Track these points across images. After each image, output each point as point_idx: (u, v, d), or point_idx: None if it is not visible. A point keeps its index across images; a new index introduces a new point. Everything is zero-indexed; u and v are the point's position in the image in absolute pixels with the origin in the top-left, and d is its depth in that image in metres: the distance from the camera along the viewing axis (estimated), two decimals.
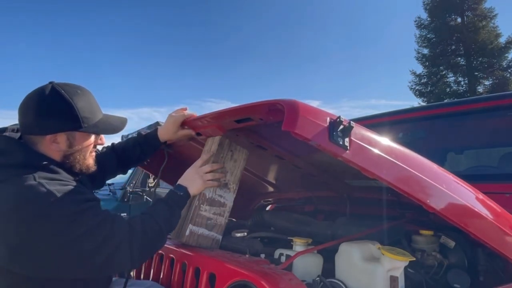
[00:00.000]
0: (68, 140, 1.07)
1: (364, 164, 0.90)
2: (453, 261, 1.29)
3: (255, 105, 1.02)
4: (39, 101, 1.03)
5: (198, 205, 1.25)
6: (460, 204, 1.06)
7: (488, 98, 2.11)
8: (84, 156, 1.12)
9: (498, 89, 15.16)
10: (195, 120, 1.34)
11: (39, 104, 1.03)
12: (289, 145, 1.37)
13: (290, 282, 0.90)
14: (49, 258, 0.89)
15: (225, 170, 1.31)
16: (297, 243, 1.25)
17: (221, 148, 1.30)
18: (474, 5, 16.31)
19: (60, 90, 1.04)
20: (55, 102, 1.03)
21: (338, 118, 0.89)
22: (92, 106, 1.11)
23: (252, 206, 2.24)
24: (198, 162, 1.29)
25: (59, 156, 1.07)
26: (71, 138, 1.07)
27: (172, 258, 1.25)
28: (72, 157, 1.09)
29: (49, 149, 1.05)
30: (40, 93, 1.04)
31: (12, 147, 1.01)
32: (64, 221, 0.89)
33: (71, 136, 1.07)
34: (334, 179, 1.60)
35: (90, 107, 1.10)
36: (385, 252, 1.04)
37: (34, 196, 0.89)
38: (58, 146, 1.05)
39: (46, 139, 1.03)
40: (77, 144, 1.09)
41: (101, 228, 0.93)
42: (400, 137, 2.33)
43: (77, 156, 1.10)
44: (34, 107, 1.03)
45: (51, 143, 1.04)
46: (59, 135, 1.04)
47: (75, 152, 1.09)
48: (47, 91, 1.04)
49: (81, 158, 1.11)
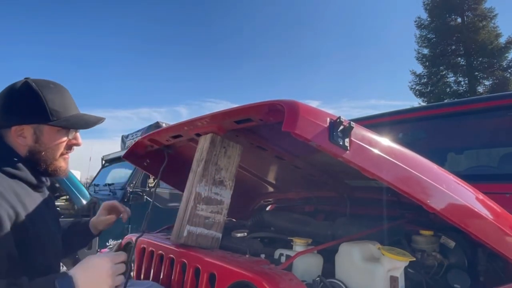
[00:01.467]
0: (34, 134, 1.01)
1: (364, 164, 0.90)
2: (453, 261, 1.29)
3: (255, 106, 1.02)
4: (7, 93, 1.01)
5: (194, 205, 1.24)
6: (460, 204, 1.06)
7: (488, 98, 2.11)
8: (53, 155, 1.05)
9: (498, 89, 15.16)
10: (195, 121, 1.34)
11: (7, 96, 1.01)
12: (289, 146, 1.37)
13: (290, 282, 0.90)
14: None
15: (219, 168, 1.30)
16: (297, 243, 1.25)
17: (213, 145, 1.29)
18: (474, 5, 16.32)
19: (31, 83, 1.01)
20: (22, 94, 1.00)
21: (338, 118, 0.89)
22: (64, 100, 1.06)
23: (252, 206, 2.24)
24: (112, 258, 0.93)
25: (25, 151, 1.01)
26: (38, 132, 1.02)
27: (172, 258, 1.25)
28: (39, 155, 1.03)
29: (15, 142, 1.00)
30: (10, 87, 1.02)
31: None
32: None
33: (38, 130, 1.01)
34: (334, 179, 1.60)
35: (62, 101, 1.05)
36: (385, 252, 1.04)
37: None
38: (24, 140, 1.01)
39: (12, 131, 1.00)
40: (45, 140, 1.03)
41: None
42: (400, 137, 2.33)
43: (45, 154, 1.03)
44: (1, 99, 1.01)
45: (16, 136, 1.00)
46: (26, 128, 1.00)
47: (43, 149, 1.03)
48: (18, 85, 1.02)
49: (50, 157, 1.04)
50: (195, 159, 1.31)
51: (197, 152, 1.32)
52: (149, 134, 1.60)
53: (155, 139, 1.61)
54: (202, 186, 1.24)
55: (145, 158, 1.77)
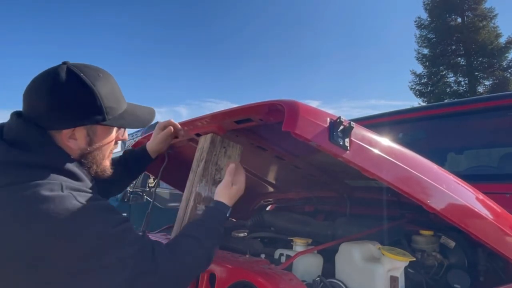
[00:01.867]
0: (88, 136, 0.88)
1: (364, 164, 0.91)
2: (453, 261, 1.29)
3: (255, 106, 1.02)
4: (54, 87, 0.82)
5: (194, 205, 1.24)
6: (460, 204, 1.06)
7: (488, 98, 2.11)
8: (103, 155, 0.94)
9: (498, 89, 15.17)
10: (195, 121, 1.34)
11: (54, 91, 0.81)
12: (289, 146, 1.37)
13: (290, 282, 0.90)
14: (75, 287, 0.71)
15: (219, 168, 1.30)
16: (297, 243, 1.25)
17: (213, 145, 1.29)
18: (474, 5, 16.32)
19: (79, 73, 0.84)
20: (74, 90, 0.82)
21: (338, 118, 0.89)
22: (116, 93, 0.91)
23: (252, 206, 2.24)
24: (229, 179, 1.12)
25: (76, 154, 0.87)
26: (92, 134, 0.88)
27: None
28: (91, 157, 0.90)
29: (65, 146, 0.85)
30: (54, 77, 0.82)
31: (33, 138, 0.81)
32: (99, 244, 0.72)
33: (91, 131, 0.88)
34: (334, 179, 1.60)
35: (114, 94, 0.90)
36: (385, 252, 1.04)
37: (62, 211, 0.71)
38: (75, 143, 0.86)
39: (62, 134, 0.84)
40: (98, 140, 0.90)
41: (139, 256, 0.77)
42: (400, 137, 2.33)
43: (96, 156, 0.91)
44: (47, 94, 0.81)
45: (67, 139, 0.85)
46: (78, 130, 0.85)
47: (94, 150, 0.90)
48: (63, 76, 0.82)
49: (100, 158, 0.92)
50: (195, 159, 1.31)
51: (197, 152, 1.32)
52: (149, 134, 1.60)
53: None
54: (202, 186, 1.24)
55: None
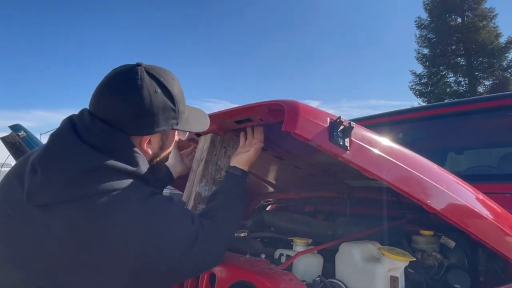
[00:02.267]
0: (161, 141, 0.88)
1: (364, 164, 0.91)
2: (453, 261, 1.29)
3: (255, 106, 1.02)
4: (137, 92, 0.78)
5: (194, 205, 1.24)
6: (461, 204, 1.06)
7: (488, 98, 2.11)
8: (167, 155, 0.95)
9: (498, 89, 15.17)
10: None
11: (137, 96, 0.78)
12: (289, 146, 1.37)
13: (290, 282, 0.90)
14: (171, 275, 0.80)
15: (219, 168, 1.31)
16: (297, 243, 1.25)
17: (213, 145, 1.29)
18: (474, 5, 16.33)
19: (159, 77, 0.82)
20: (158, 94, 0.80)
21: (338, 118, 0.89)
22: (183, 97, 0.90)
23: (252, 206, 2.24)
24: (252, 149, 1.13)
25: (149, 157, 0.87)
26: (165, 138, 0.89)
27: None
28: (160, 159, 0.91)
29: (143, 150, 0.84)
30: (134, 81, 0.78)
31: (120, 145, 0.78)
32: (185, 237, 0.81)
33: (165, 136, 0.88)
34: (334, 179, 1.60)
35: (183, 99, 0.89)
36: (385, 252, 1.04)
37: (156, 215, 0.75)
38: (150, 147, 0.86)
39: (142, 140, 0.83)
40: (168, 144, 0.91)
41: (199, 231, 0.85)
42: (400, 137, 2.33)
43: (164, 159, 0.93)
44: (129, 100, 0.78)
45: (145, 144, 0.84)
46: (155, 135, 0.85)
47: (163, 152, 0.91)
48: (144, 78, 0.79)
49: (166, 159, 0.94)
50: (195, 159, 1.31)
51: (197, 152, 1.32)
52: None
53: None
54: (202, 186, 1.24)
55: None
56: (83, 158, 0.72)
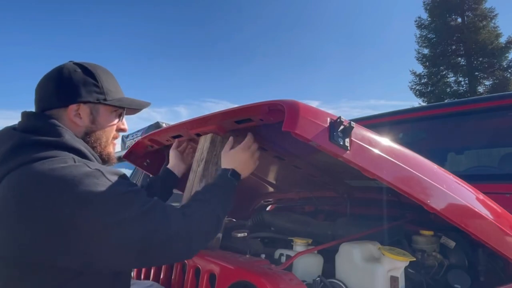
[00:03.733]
0: (91, 115, 0.98)
1: (364, 164, 0.91)
2: (453, 262, 1.29)
3: (255, 106, 1.02)
4: (59, 73, 0.96)
5: None
6: (461, 204, 1.06)
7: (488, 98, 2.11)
8: (106, 138, 1.03)
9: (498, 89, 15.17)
10: (195, 121, 1.34)
11: (60, 74, 0.96)
12: (289, 146, 1.37)
13: (290, 282, 0.90)
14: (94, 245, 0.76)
15: (219, 168, 1.31)
16: (297, 243, 1.25)
17: (213, 145, 1.29)
18: (474, 5, 16.32)
19: (83, 63, 0.99)
20: (77, 72, 0.96)
21: (339, 118, 0.89)
22: (115, 82, 1.04)
23: (252, 206, 2.24)
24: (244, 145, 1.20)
25: (82, 132, 0.97)
26: (95, 112, 0.98)
27: None
28: (95, 136, 0.99)
29: (72, 123, 0.95)
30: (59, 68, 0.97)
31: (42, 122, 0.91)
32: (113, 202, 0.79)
33: (94, 110, 0.98)
34: (334, 179, 1.60)
35: (113, 82, 1.03)
36: (385, 252, 1.04)
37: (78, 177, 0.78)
38: (80, 120, 0.96)
39: (68, 110, 0.94)
40: (101, 120, 1.00)
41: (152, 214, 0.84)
42: (401, 138, 2.33)
43: (100, 136, 1.00)
44: (55, 77, 0.96)
45: (73, 116, 0.95)
46: (82, 108, 0.96)
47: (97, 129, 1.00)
48: (68, 65, 0.98)
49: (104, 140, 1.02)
50: (195, 159, 1.31)
51: (197, 152, 1.32)
52: (149, 134, 1.60)
53: (155, 139, 1.61)
54: (202, 186, 1.24)
55: (145, 158, 1.77)
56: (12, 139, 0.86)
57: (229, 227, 1.57)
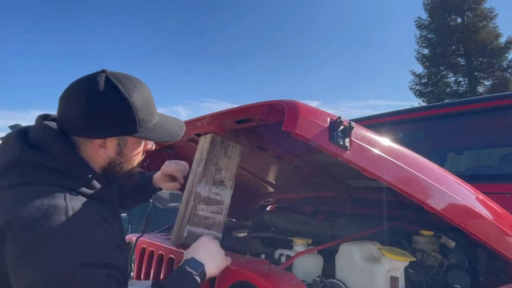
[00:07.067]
0: (118, 146, 0.89)
1: (364, 164, 0.91)
2: (453, 262, 1.29)
3: (255, 106, 1.02)
4: (91, 96, 0.83)
5: (195, 205, 1.23)
6: (461, 204, 1.06)
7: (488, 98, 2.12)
8: (132, 165, 0.95)
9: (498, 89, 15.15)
10: (195, 121, 1.34)
11: (91, 99, 0.82)
12: (289, 146, 1.37)
13: (290, 283, 0.90)
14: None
15: (219, 168, 1.31)
16: (297, 244, 1.25)
17: (213, 145, 1.29)
18: (474, 5, 16.31)
19: (117, 83, 0.85)
20: (110, 100, 0.83)
21: (339, 118, 0.89)
22: (149, 105, 0.92)
23: (252, 206, 2.24)
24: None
25: (104, 163, 0.90)
26: (122, 144, 0.90)
27: (172, 259, 1.25)
28: (119, 167, 0.92)
29: (95, 154, 0.87)
30: (91, 85, 0.83)
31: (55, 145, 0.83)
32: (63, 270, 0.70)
33: (122, 142, 0.89)
34: (334, 180, 1.60)
35: (148, 107, 0.91)
36: (385, 252, 1.04)
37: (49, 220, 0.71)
38: (105, 151, 0.88)
39: (94, 143, 0.86)
40: (128, 151, 0.92)
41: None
42: (401, 138, 2.33)
43: (124, 166, 0.93)
44: (83, 102, 0.83)
45: (98, 149, 0.87)
46: (109, 140, 0.87)
47: (124, 160, 0.92)
48: (101, 84, 0.83)
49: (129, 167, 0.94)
50: (195, 159, 1.31)
51: (197, 152, 1.32)
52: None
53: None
54: (202, 186, 1.24)
55: (145, 158, 1.76)
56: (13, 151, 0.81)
57: (229, 227, 1.57)
